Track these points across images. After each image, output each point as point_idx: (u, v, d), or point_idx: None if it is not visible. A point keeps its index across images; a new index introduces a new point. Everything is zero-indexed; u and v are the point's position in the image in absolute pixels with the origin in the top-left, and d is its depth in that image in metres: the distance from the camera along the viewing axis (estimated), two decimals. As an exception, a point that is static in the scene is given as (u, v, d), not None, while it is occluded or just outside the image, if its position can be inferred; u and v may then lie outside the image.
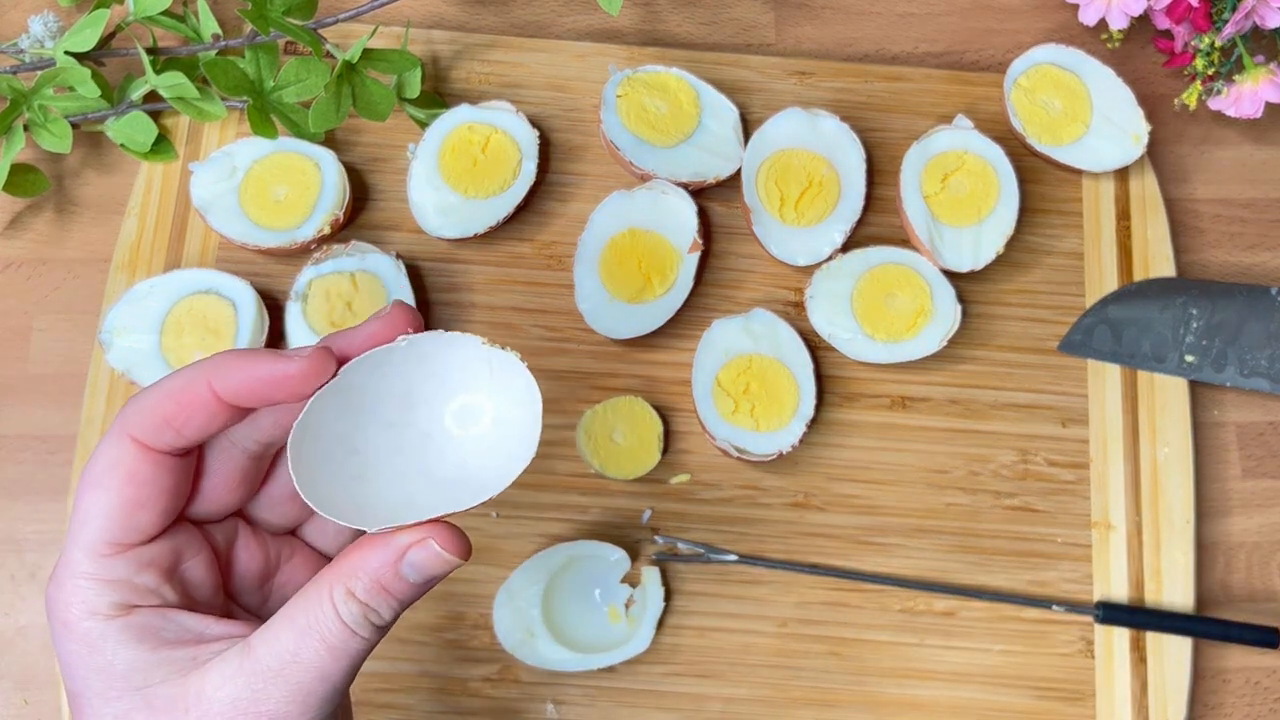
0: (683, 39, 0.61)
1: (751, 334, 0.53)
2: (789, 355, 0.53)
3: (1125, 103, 0.56)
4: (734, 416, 0.52)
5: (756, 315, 0.53)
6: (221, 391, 0.31)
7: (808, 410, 0.52)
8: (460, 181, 0.54)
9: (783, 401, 0.52)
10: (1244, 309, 0.55)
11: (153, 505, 0.31)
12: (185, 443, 0.31)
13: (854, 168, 0.55)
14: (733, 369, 0.52)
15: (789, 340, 0.53)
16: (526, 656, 0.49)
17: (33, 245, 0.56)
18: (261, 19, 0.50)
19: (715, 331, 0.53)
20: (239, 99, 0.53)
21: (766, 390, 0.52)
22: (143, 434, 0.30)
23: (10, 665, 0.51)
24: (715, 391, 0.52)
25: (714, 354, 0.52)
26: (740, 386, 0.52)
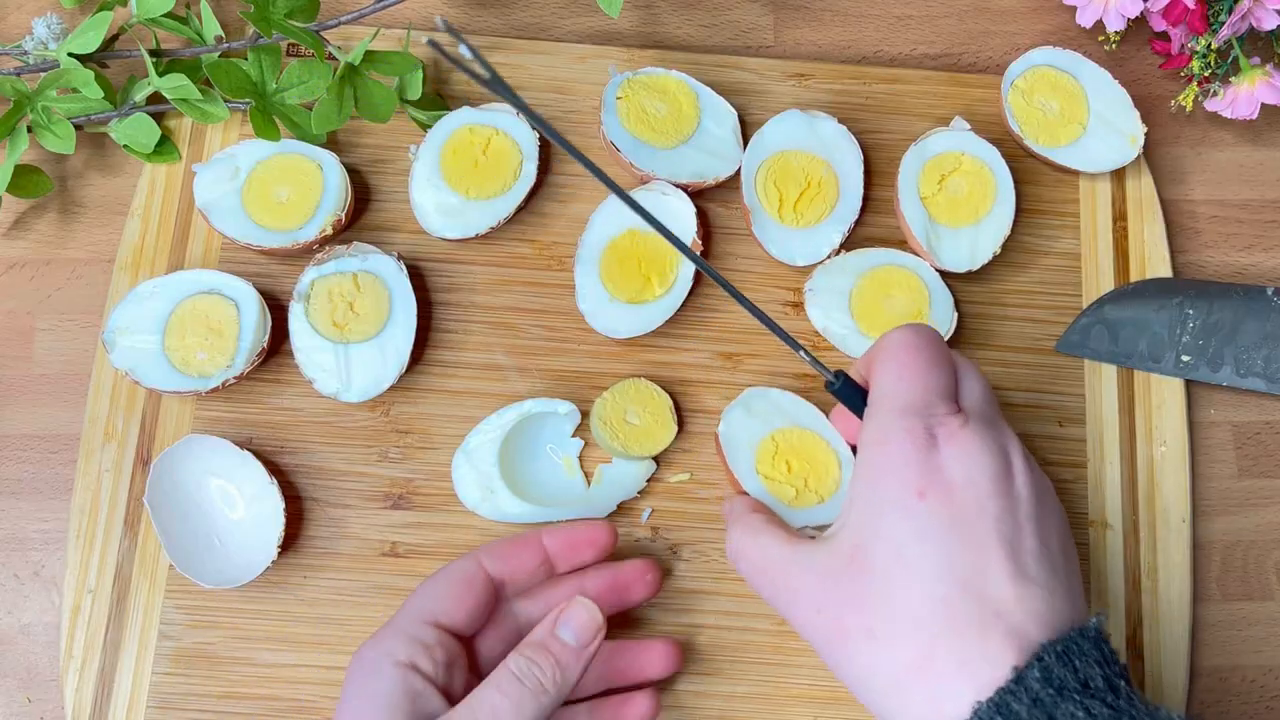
0: (682, 41, 0.61)
1: (756, 414, 0.51)
2: (797, 415, 0.51)
3: (1122, 104, 0.57)
4: (798, 501, 0.49)
5: (750, 396, 0.51)
6: (550, 546, 0.45)
7: (846, 452, 0.50)
8: (461, 183, 0.55)
9: (826, 462, 0.50)
10: (1240, 309, 0.55)
11: (468, 608, 0.43)
12: (507, 570, 0.44)
13: (852, 169, 0.56)
14: (764, 457, 0.50)
15: (788, 402, 0.51)
16: (489, 513, 0.51)
17: (36, 246, 0.56)
18: (264, 21, 0.50)
19: (728, 429, 0.50)
20: (242, 101, 0.53)
21: (807, 460, 0.50)
22: (486, 557, 0.44)
23: (14, 663, 0.51)
24: (769, 487, 0.49)
25: (741, 454, 0.50)
26: (781, 470, 0.50)
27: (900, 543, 0.36)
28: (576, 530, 0.46)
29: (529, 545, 0.45)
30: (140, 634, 0.50)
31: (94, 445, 0.52)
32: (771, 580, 0.40)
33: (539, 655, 0.40)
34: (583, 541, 0.46)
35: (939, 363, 0.40)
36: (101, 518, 0.51)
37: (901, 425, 0.38)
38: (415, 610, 0.42)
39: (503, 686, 0.39)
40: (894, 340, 0.40)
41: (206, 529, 0.50)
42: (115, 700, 0.49)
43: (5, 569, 0.52)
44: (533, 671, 0.39)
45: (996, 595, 0.35)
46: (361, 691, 0.40)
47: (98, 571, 0.51)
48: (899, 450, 0.37)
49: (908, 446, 0.37)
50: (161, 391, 0.51)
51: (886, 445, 0.38)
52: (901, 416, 0.38)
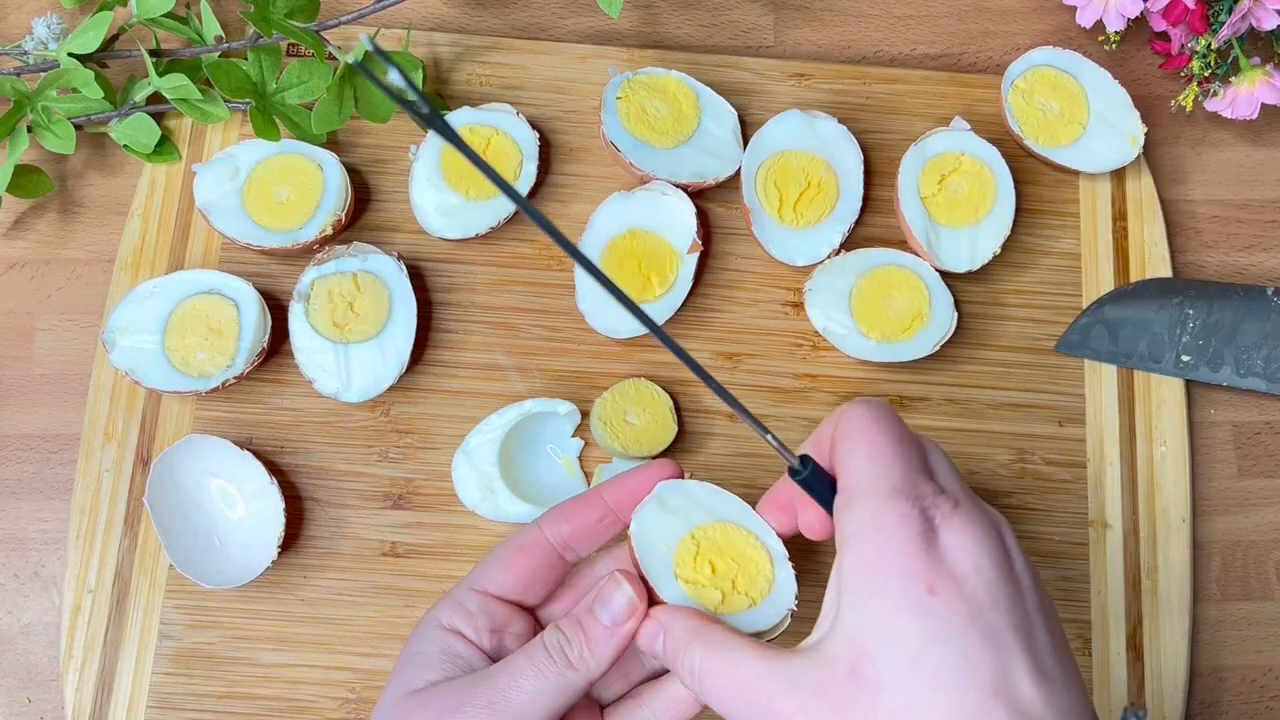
0: (682, 41, 0.61)
1: (672, 510, 0.43)
2: (718, 509, 0.43)
3: (1122, 104, 0.57)
4: (725, 606, 0.41)
5: (664, 490, 0.43)
6: (610, 499, 0.42)
7: (779, 546, 0.42)
8: (461, 183, 0.55)
9: (756, 559, 0.42)
10: (1240, 309, 0.55)
11: (516, 574, 0.42)
12: (570, 532, 0.42)
13: (852, 169, 0.56)
14: (684, 559, 0.42)
15: (707, 494, 0.43)
16: (489, 513, 0.51)
17: (36, 246, 0.56)
18: (264, 21, 0.50)
19: (640, 529, 0.42)
20: (241, 101, 0.53)
21: (733, 559, 0.42)
22: (545, 523, 0.42)
23: (14, 664, 0.51)
24: (690, 593, 0.41)
25: (657, 557, 0.41)
26: (704, 573, 0.42)
27: (914, 647, 0.32)
28: (633, 477, 0.43)
29: (587, 501, 0.43)
30: (140, 634, 0.50)
31: (94, 445, 0.52)
32: (751, 702, 0.35)
33: (572, 630, 0.39)
34: (642, 487, 0.43)
35: (909, 439, 0.36)
36: (101, 518, 0.51)
37: (894, 512, 0.34)
38: (467, 579, 0.42)
39: (532, 655, 0.39)
40: (858, 418, 0.36)
41: (206, 529, 0.50)
42: (115, 700, 0.49)
43: (5, 569, 0.52)
44: (562, 646, 0.39)
45: (1025, 698, 0.32)
46: (407, 651, 0.41)
47: (98, 571, 0.51)
48: (896, 541, 0.33)
49: (905, 536, 0.33)
50: (161, 391, 0.51)
51: (880, 536, 0.33)
52: (891, 501, 0.34)
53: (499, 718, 0.38)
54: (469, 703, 0.38)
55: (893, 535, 0.33)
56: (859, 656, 0.33)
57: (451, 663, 0.40)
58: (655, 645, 0.39)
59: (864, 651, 0.33)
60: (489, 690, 0.38)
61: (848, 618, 0.34)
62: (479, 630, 0.41)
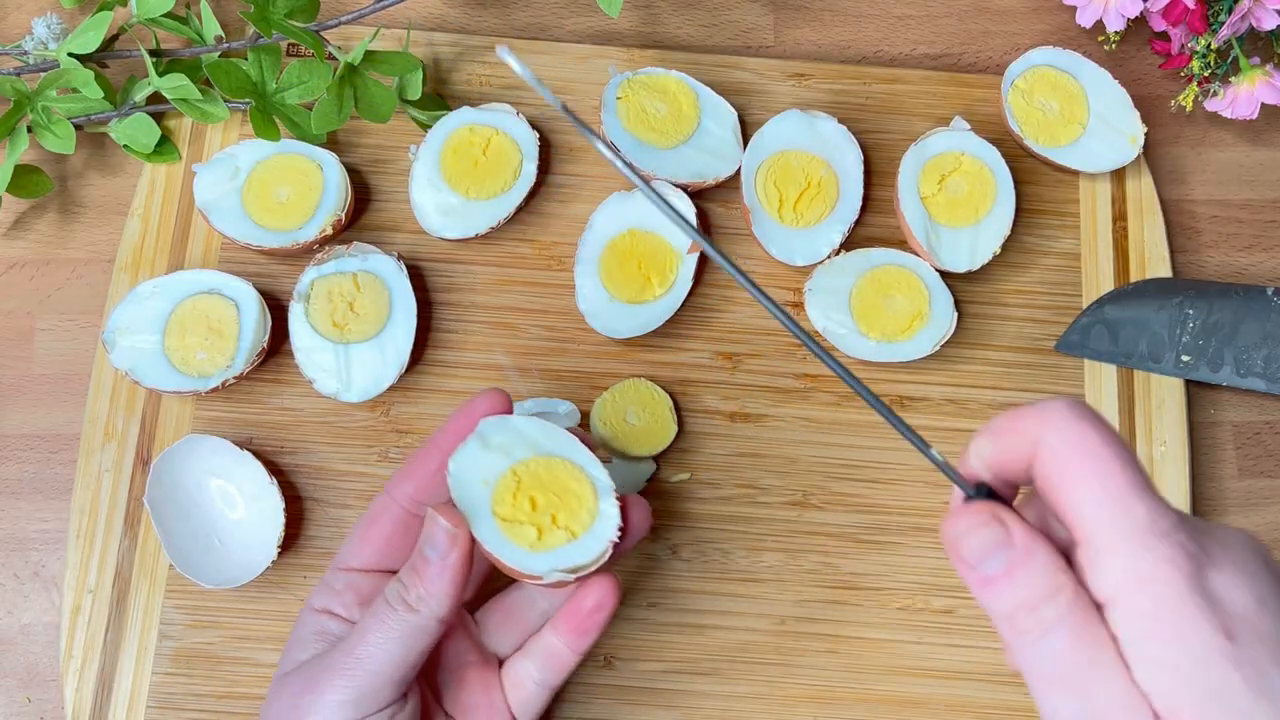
0: (682, 41, 0.61)
1: (494, 447, 0.41)
2: (544, 444, 0.42)
3: (1122, 104, 0.57)
4: (542, 543, 0.40)
5: (487, 427, 0.42)
6: (442, 445, 0.42)
7: (604, 478, 0.42)
8: (461, 183, 0.55)
9: (579, 492, 0.42)
10: (1240, 309, 0.55)
11: (373, 543, 0.43)
12: (415, 490, 0.42)
13: (852, 169, 0.56)
14: (504, 495, 0.41)
15: (534, 429, 0.42)
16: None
17: (36, 246, 0.56)
18: (264, 21, 0.50)
19: (457, 467, 0.41)
20: (241, 101, 0.53)
21: (556, 493, 0.41)
22: (389, 486, 0.43)
23: (14, 664, 0.51)
24: (505, 530, 0.40)
25: (474, 494, 0.40)
26: (523, 509, 0.41)
27: (1243, 705, 0.29)
28: (459, 416, 0.42)
29: (425, 454, 0.43)
30: (140, 634, 0.50)
31: (94, 445, 0.52)
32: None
33: (408, 576, 0.39)
34: (468, 425, 0.42)
35: (1129, 454, 0.31)
36: (101, 518, 0.51)
37: (1159, 558, 0.30)
38: (333, 561, 0.43)
39: (376, 610, 0.39)
40: (1072, 437, 0.31)
41: (206, 529, 0.50)
42: (115, 700, 0.49)
43: (5, 569, 0.52)
44: (400, 593, 0.39)
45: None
46: (291, 637, 0.42)
47: (98, 571, 0.51)
48: (1172, 590, 0.29)
49: (1180, 582, 0.29)
50: (161, 391, 0.51)
51: (1153, 586, 0.30)
52: (1151, 548, 0.30)
53: (354, 680, 0.38)
54: (325, 671, 0.39)
55: (1166, 584, 0.29)
56: (1174, 716, 0.29)
57: (323, 640, 0.41)
58: None
59: (1178, 713, 0.29)
60: (342, 656, 0.39)
61: (1145, 675, 0.30)
62: (348, 605, 0.42)
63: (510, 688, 0.45)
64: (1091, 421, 0.31)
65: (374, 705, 0.38)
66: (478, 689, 0.44)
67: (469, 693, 0.44)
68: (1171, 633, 0.29)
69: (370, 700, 0.38)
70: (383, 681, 0.38)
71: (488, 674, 0.45)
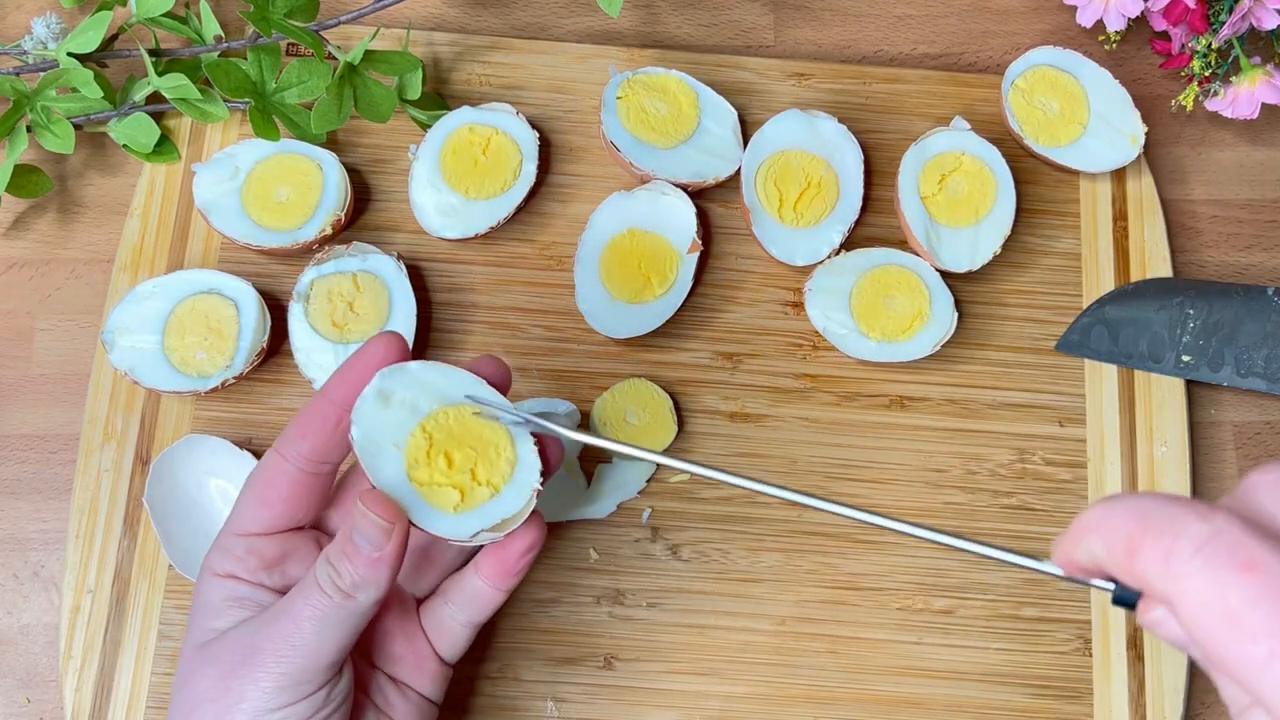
0: (682, 41, 0.61)
1: (396, 404, 0.39)
2: (449, 391, 0.40)
3: (1122, 104, 0.57)
4: (466, 503, 0.38)
5: (385, 379, 0.39)
6: (335, 399, 0.39)
7: (527, 443, 0.40)
8: (461, 182, 0.55)
9: (493, 440, 0.39)
10: (1241, 309, 0.55)
11: (271, 506, 0.40)
12: (310, 449, 0.39)
13: (852, 169, 0.56)
14: (418, 457, 0.38)
15: (436, 376, 0.40)
16: None
17: (36, 246, 0.56)
18: (263, 21, 0.50)
19: (362, 434, 0.38)
20: (241, 100, 0.53)
21: (471, 445, 0.39)
22: (281, 446, 0.40)
23: (13, 664, 0.51)
24: (425, 496, 0.38)
25: (386, 461, 0.38)
26: (440, 469, 0.39)
27: None
28: (351, 366, 0.39)
29: (316, 410, 0.39)
30: (140, 634, 0.50)
31: (93, 445, 0.52)
32: None
33: (340, 562, 0.37)
34: (363, 375, 0.39)
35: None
36: (101, 518, 0.51)
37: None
38: (227, 523, 0.41)
39: (309, 595, 0.37)
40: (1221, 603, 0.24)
41: (206, 529, 0.50)
42: (115, 700, 0.49)
43: (5, 569, 0.52)
44: (333, 579, 0.37)
45: None
46: (194, 603, 0.40)
47: (97, 572, 0.50)
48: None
49: None
50: (161, 391, 0.51)
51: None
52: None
53: (288, 663, 0.37)
54: (255, 653, 0.37)
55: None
56: None
57: (239, 605, 0.39)
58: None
59: None
60: (274, 639, 0.37)
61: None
62: (253, 570, 0.40)
63: (433, 630, 0.44)
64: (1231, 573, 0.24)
65: (310, 687, 0.37)
66: (400, 638, 0.44)
67: (392, 642, 0.44)
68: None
69: (306, 684, 0.37)
70: (318, 665, 0.37)
71: (408, 621, 0.44)
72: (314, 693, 0.38)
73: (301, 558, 0.41)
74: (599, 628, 0.51)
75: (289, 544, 0.41)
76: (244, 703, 0.37)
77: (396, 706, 0.43)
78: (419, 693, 0.44)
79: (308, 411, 0.40)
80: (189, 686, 0.38)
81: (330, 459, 0.40)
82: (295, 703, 0.37)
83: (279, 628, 0.37)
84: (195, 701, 0.38)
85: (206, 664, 0.38)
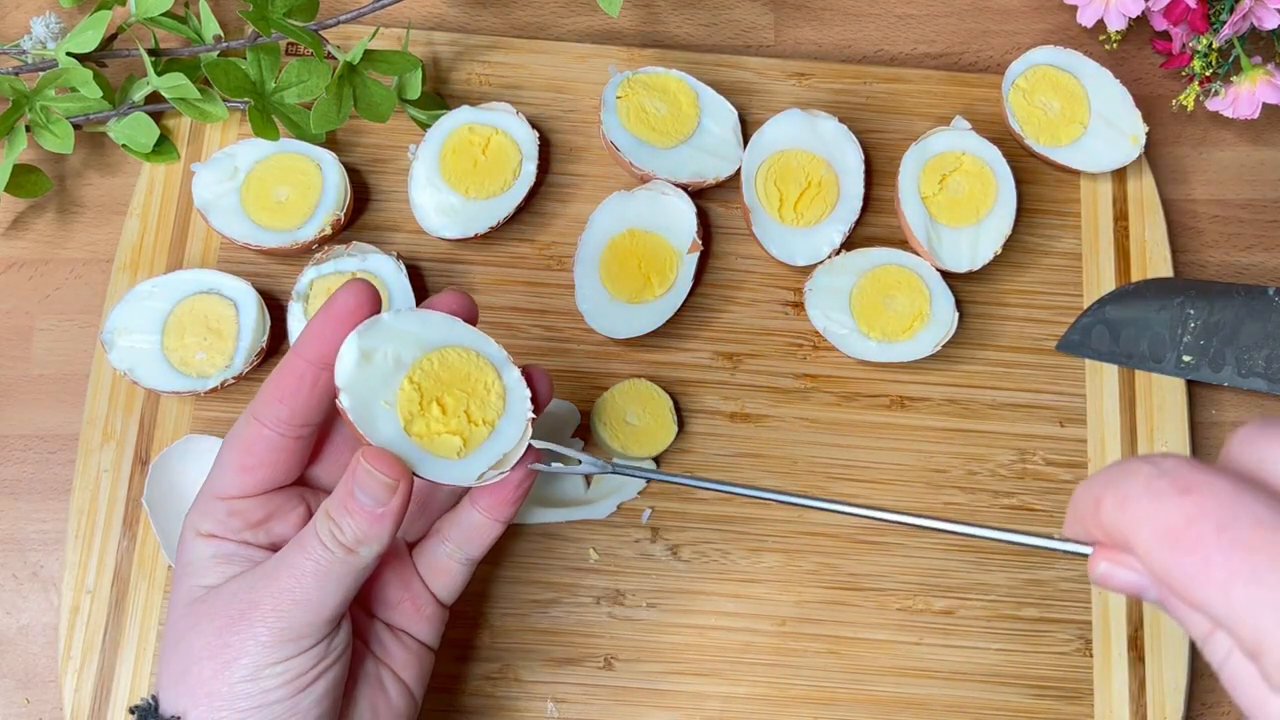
0: (682, 40, 0.61)
1: (379, 359, 0.38)
2: (430, 337, 0.39)
3: (1123, 104, 0.57)
4: (469, 447, 0.38)
5: (364, 334, 0.37)
6: (309, 357, 0.38)
7: (497, 350, 0.40)
8: (461, 182, 0.55)
9: (481, 378, 0.39)
10: (1241, 309, 0.55)
11: (252, 472, 0.39)
12: (290, 414, 0.38)
13: (852, 168, 0.56)
14: (412, 410, 0.38)
15: (415, 324, 0.39)
16: None
17: (35, 245, 0.56)
18: (263, 20, 0.50)
19: (352, 401, 0.37)
20: (240, 100, 0.53)
21: (461, 387, 0.38)
22: (258, 411, 0.38)
23: (12, 664, 0.51)
24: (426, 447, 0.38)
25: (381, 421, 0.37)
26: (435, 418, 0.38)
27: None
28: (322, 322, 0.38)
29: (290, 372, 0.38)
30: (139, 634, 0.50)
31: (92, 445, 0.52)
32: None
33: (341, 517, 0.36)
34: (338, 332, 0.37)
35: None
36: (100, 518, 0.51)
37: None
38: (205, 485, 0.40)
39: (309, 549, 0.36)
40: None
41: (205, 529, 0.50)
42: (114, 701, 0.49)
43: (4, 569, 0.52)
44: (334, 534, 0.36)
45: None
46: (179, 563, 0.40)
47: (96, 572, 0.50)
48: None
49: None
50: (160, 391, 0.51)
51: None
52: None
53: (289, 617, 0.36)
54: (254, 607, 0.36)
55: None
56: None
57: (227, 562, 0.38)
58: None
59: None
60: (273, 593, 0.36)
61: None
62: (237, 531, 0.39)
63: (429, 572, 0.44)
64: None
65: (310, 641, 0.37)
66: (396, 584, 0.44)
67: (388, 589, 0.43)
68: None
69: (306, 638, 0.37)
70: (319, 619, 0.37)
71: (403, 566, 0.44)
72: (313, 646, 0.37)
73: (286, 514, 0.40)
74: (599, 628, 0.51)
75: (272, 503, 0.40)
76: (243, 658, 0.36)
77: (394, 654, 0.43)
78: (416, 638, 0.44)
79: (282, 372, 0.38)
80: (182, 644, 0.37)
81: (311, 421, 0.39)
82: (294, 656, 0.37)
83: (279, 582, 0.36)
84: (190, 659, 0.37)
85: (201, 620, 0.37)
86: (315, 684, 0.37)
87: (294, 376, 0.38)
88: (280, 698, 0.37)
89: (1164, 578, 0.25)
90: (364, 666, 0.42)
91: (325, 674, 0.38)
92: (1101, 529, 0.27)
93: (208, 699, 0.36)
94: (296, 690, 0.37)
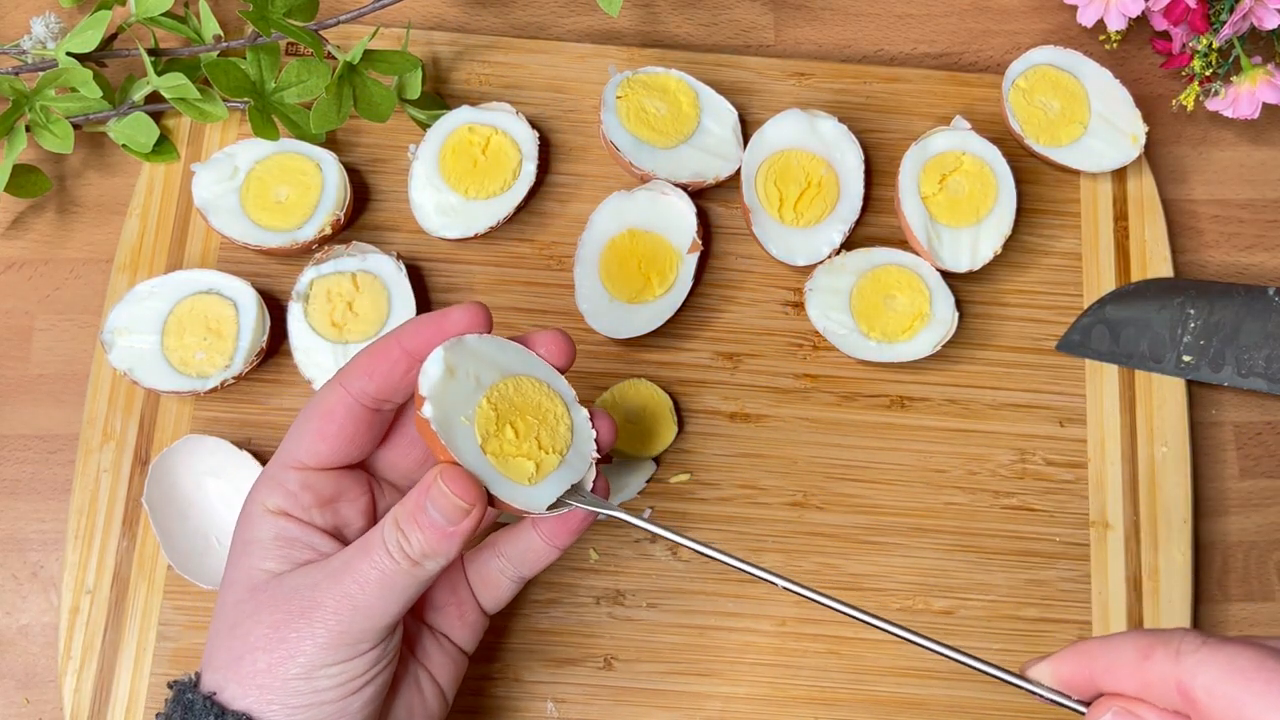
0: (682, 40, 0.61)
1: (462, 376, 0.38)
2: (504, 362, 0.40)
3: (1123, 104, 0.57)
4: (541, 472, 0.39)
5: (450, 353, 0.38)
6: (407, 347, 0.39)
7: (566, 386, 0.41)
8: (461, 182, 0.54)
9: (550, 408, 0.40)
10: (1241, 309, 0.55)
11: (330, 440, 0.39)
12: (376, 390, 0.39)
13: (852, 168, 0.56)
14: (489, 429, 0.38)
15: (491, 348, 0.40)
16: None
17: (35, 245, 0.56)
18: (263, 20, 0.50)
19: (438, 411, 0.37)
20: (240, 100, 0.53)
21: (533, 414, 0.39)
22: (346, 380, 0.39)
23: (12, 665, 0.51)
24: (500, 469, 0.38)
25: (462, 437, 0.38)
26: (510, 440, 0.39)
27: None
28: (429, 323, 0.39)
29: (386, 354, 0.39)
30: (139, 635, 0.50)
31: (92, 445, 0.52)
32: None
33: (411, 530, 0.36)
34: (439, 336, 0.39)
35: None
36: (100, 518, 0.51)
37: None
38: (279, 455, 0.40)
39: (375, 559, 0.37)
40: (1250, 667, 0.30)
41: (205, 529, 0.50)
42: (114, 701, 0.49)
43: (4, 570, 0.52)
44: (403, 546, 0.36)
45: None
46: (240, 540, 0.39)
47: (96, 572, 0.50)
48: None
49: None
50: (160, 391, 0.51)
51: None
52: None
53: (348, 623, 0.36)
54: (316, 608, 0.37)
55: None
56: None
57: (291, 548, 0.38)
58: None
59: None
60: (336, 596, 0.37)
61: None
62: (307, 508, 0.39)
63: (478, 582, 0.44)
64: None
65: (366, 646, 0.37)
66: (444, 587, 0.44)
67: (437, 592, 0.44)
68: None
69: (363, 643, 0.37)
70: (377, 626, 0.37)
71: (453, 571, 0.44)
72: (369, 651, 0.37)
73: (354, 498, 0.40)
74: (599, 628, 0.51)
75: (342, 482, 0.40)
76: (300, 656, 0.36)
77: (434, 657, 0.43)
78: (455, 643, 0.44)
79: (376, 351, 0.39)
80: (239, 630, 0.37)
81: (393, 399, 0.40)
82: (350, 660, 0.37)
83: (342, 586, 0.37)
84: (247, 647, 0.37)
85: (261, 609, 0.37)
86: (366, 688, 0.38)
87: (387, 359, 0.39)
88: (332, 699, 0.37)
89: (1232, 710, 0.30)
90: (405, 667, 0.42)
91: (377, 678, 0.38)
92: (1141, 679, 0.32)
93: (259, 690, 0.37)
94: (348, 693, 0.37)
